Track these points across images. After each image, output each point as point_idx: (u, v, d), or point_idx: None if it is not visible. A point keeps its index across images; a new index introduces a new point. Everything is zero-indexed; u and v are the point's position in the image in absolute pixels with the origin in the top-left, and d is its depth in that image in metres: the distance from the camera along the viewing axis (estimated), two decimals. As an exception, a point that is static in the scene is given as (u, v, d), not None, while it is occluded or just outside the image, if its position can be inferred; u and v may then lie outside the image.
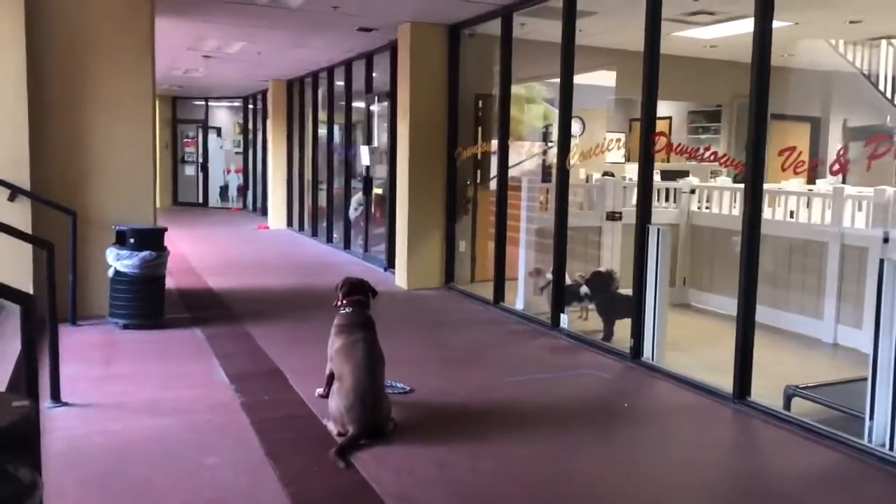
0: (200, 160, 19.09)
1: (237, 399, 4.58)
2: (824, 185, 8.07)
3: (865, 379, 4.45)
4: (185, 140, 19.08)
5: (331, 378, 4.44)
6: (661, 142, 5.26)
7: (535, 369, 5.41)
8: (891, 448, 3.88)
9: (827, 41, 9.13)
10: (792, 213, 6.85)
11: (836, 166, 4.12)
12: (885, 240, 5.79)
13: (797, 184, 7.21)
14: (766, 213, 6.08)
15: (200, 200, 18.93)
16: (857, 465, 3.86)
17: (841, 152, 4.10)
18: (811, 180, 8.48)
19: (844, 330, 6.09)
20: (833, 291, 6.12)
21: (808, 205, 6.96)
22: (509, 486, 3.52)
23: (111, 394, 4.62)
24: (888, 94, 9.72)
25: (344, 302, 4.34)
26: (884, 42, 10.08)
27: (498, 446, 3.99)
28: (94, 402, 4.40)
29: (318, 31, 8.78)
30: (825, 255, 6.21)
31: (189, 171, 19.09)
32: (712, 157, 5.07)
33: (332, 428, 4.05)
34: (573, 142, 6.41)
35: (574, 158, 6.17)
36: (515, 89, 7.61)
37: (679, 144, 6.11)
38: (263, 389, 4.78)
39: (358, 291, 4.38)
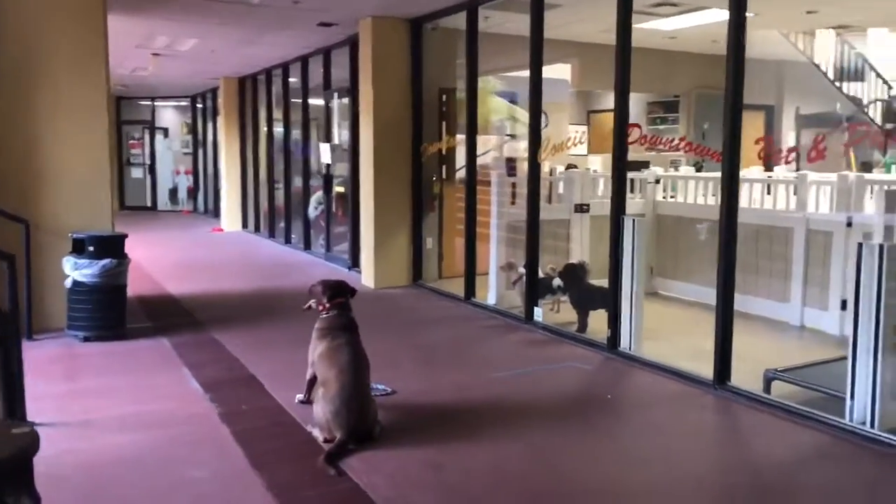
0: (147, 162, 18.57)
1: (214, 409, 4.42)
2: (782, 172, 8.23)
3: (841, 359, 4.55)
4: (131, 142, 18.53)
5: (312, 383, 4.34)
6: (634, 133, 5.25)
7: (515, 364, 5.37)
8: (872, 426, 3.95)
9: (780, 31, 9.32)
10: (767, 197, 6.95)
11: (814, 153, 4.17)
12: (849, 224, 5.95)
13: (757, 171, 7.33)
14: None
15: (149, 204, 18.41)
16: (841, 445, 3.92)
17: (819, 139, 4.15)
18: (768, 167, 8.65)
19: (811, 312, 6.22)
20: (799, 275, 6.24)
21: (769, 191, 7.09)
22: (505, 487, 3.47)
23: (78, 411, 4.40)
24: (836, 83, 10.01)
25: (327, 306, 4.23)
26: (827, 31, 10.35)
27: (488, 445, 3.93)
28: (60, 420, 4.18)
29: (277, 27, 8.57)
30: (791, 240, 6.31)
31: (136, 173, 18.54)
32: (687, 147, 5.09)
33: (318, 434, 3.94)
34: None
35: (545, 152, 6.14)
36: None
37: (653, 135, 6.12)
38: (240, 398, 4.63)
39: (340, 294, 4.28)
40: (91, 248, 5.86)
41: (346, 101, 9.45)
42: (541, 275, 6.44)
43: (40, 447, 2.06)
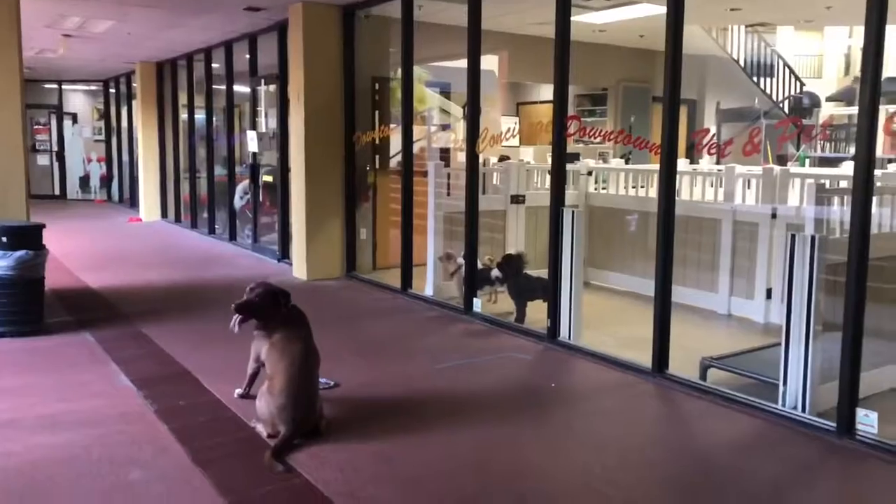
0: (55, 149, 17.63)
1: (149, 406, 4.24)
2: (706, 164, 8.53)
3: (772, 346, 4.75)
4: (36, 127, 17.54)
5: (253, 377, 4.22)
6: (573, 125, 5.30)
7: (457, 355, 5.36)
8: (803, 410, 4.13)
9: (702, 27, 9.63)
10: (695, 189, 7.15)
11: (749, 147, 4.31)
12: (773, 215, 6.20)
13: (683, 163, 7.55)
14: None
15: (57, 192, 17.50)
16: (775, 429, 4.08)
17: (754, 133, 4.29)
18: (692, 160, 8.95)
19: (738, 301, 6.46)
20: (726, 265, 6.46)
21: (694, 183, 7.32)
22: (458, 478, 3.45)
23: (0, 410, 4.14)
24: (754, 78, 10.43)
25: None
26: (739, 28, 10.77)
27: (437, 436, 3.91)
28: (-19, 421, 3.93)
29: (200, 10, 8.24)
30: (718, 231, 6.53)
31: (42, 160, 17.57)
32: (626, 140, 5.18)
33: (262, 430, 3.83)
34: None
35: (484, 143, 6.14)
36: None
37: (591, 128, 6.20)
38: (176, 394, 4.45)
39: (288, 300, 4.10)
40: (4, 239, 5.52)
41: (273, 88, 9.21)
42: (479, 265, 6.45)
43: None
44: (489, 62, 10.47)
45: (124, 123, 15.83)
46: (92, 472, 3.40)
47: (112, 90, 16.56)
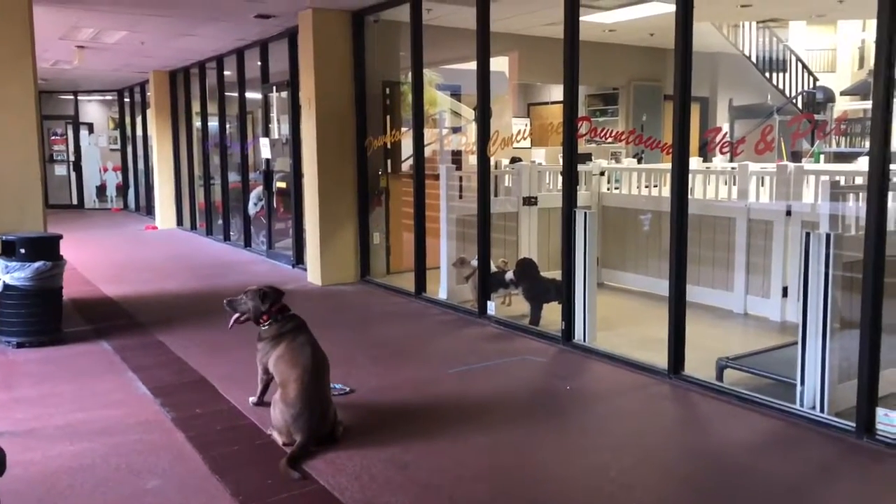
0: (72, 159, 17.82)
1: (166, 415, 4.27)
2: (719, 162, 8.46)
3: (788, 345, 4.71)
4: (53, 138, 17.75)
5: (266, 386, 4.24)
6: (584, 126, 5.28)
7: (472, 359, 5.36)
8: (822, 410, 4.09)
9: (712, 24, 9.57)
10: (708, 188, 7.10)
11: (762, 145, 4.28)
12: (788, 213, 6.15)
13: (695, 162, 7.51)
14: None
15: (75, 202, 17.68)
16: (793, 430, 4.05)
17: (766, 130, 4.26)
18: (705, 158, 8.88)
19: (753, 300, 6.40)
20: (742, 264, 6.41)
21: (707, 182, 7.26)
22: (474, 483, 3.44)
23: (21, 420, 4.19)
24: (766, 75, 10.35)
25: (272, 312, 4.08)
26: (751, 24, 10.69)
27: (453, 441, 3.91)
28: (1, 430, 3.97)
29: (211, 18, 8.30)
30: (732, 229, 6.48)
31: (60, 170, 17.77)
32: (638, 140, 5.16)
33: (278, 438, 3.85)
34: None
35: (495, 145, 6.13)
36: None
37: (602, 128, 6.17)
38: (193, 402, 4.48)
39: (279, 298, 4.14)
40: (23, 251, 5.58)
41: (285, 94, 9.25)
42: (493, 268, 6.45)
43: None
44: (499, 64, 10.47)
45: (139, 132, 15.96)
46: (110, 481, 3.43)
47: (126, 99, 16.71)
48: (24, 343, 5.63)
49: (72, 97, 17.48)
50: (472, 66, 6.27)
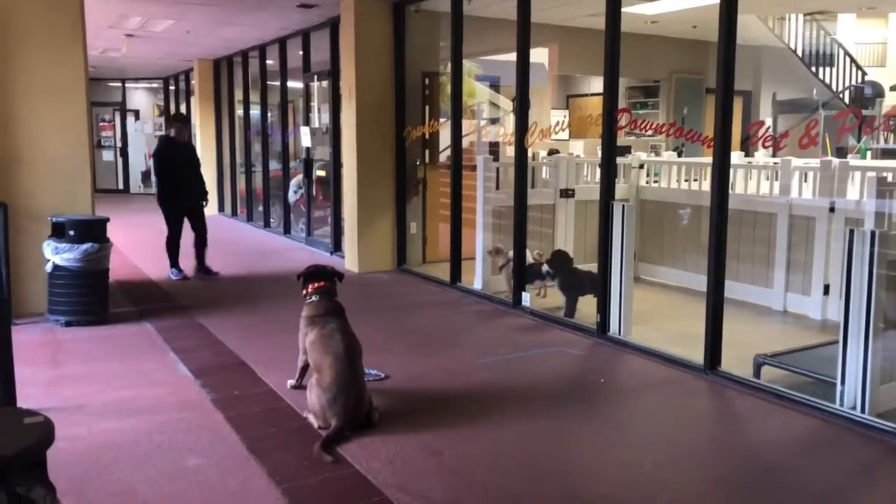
0: (119, 145, 18.22)
1: (206, 395, 4.38)
2: (762, 157, 8.32)
3: (829, 344, 4.63)
4: (101, 124, 18.16)
5: (304, 369, 4.32)
6: (624, 118, 5.25)
7: (506, 349, 5.38)
8: (862, 410, 4.03)
9: (757, 16, 9.39)
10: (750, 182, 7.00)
11: (806, 139, 4.21)
12: (832, 209, 6.04)
13: (737, 156, 7.39)
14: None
15: (121, 186, 18.10)
16: (833, 430, 3.99)
17: (811, 125, 4.19)
18: (746, 153, 8.74)
19: (794, 297, 6.31)
20: (782, 261, 6.32)
21: (749, 176, 7.15)
22: (508, 473, 3.47)
23: (68, 396, 4.34)
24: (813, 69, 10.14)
25: (308, 290, 4.18)
26: (800, 17, 10.45)
27: (486, 429, 3.94)
28: (50, 406, 4.09)
29: (255, 7, 8.42)
30: (774, 225, 6.39)
31: (107, 156, 18.19)
32: (678, 133, 5.11)
33: (314, 421, 3.92)
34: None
35: (533, 136, 6.13)
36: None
37: (642, 120, 6.13)
38: (232, 384, 4.59)
39: (322, 277, 4.23)
40: (72, 233, 5.75)
41: (325, 84, 9.34)
42: (529, 260, 6.45)
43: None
44: (539, 55, 10.42)
45: (183, 119, 16.22)
46: (153, 457, 3.53)
47: (172, 87, 17.01)
48: (72, 322, 5.81)
49: (119, 84, 17.86)
50: (512, 57, 6.26)
